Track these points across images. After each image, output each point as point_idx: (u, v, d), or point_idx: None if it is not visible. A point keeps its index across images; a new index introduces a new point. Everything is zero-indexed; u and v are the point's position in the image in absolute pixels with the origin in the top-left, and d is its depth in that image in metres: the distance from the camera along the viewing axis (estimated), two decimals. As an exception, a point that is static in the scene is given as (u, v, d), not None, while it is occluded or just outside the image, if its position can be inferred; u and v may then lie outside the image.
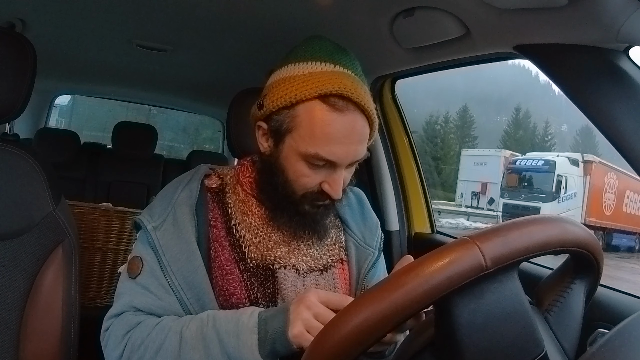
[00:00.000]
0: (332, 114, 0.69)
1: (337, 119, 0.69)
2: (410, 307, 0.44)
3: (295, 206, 0.76)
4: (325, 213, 0.80)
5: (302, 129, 0.70)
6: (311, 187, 0.74)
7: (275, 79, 0.75)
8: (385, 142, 1.53)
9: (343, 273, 0.84)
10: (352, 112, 0.70)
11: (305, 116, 0.70)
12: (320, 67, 0.72)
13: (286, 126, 0.72)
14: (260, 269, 0.77)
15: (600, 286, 0.68)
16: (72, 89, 3.10)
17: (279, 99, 0.72)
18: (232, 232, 0.78)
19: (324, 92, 0.69)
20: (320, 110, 0.69)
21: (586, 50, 0.76)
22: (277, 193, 0.76)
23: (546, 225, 0.50)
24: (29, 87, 0.91)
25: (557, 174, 12.51)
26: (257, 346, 0.65)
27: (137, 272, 0.74)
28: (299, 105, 0.70)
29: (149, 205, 0.81)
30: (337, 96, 0.69)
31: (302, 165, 0.72)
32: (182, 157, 3.00)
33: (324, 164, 0.72)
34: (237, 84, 1.20)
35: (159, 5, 1.24)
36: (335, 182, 0.73)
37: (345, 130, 0.70)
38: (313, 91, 0.69)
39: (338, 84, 0.69)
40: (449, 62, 1.15)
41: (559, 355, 0.53)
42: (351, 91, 0.69)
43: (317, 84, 0.70)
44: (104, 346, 0.74)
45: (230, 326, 0.67)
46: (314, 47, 0.75)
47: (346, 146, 0.70)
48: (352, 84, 0.71)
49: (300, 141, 0.71)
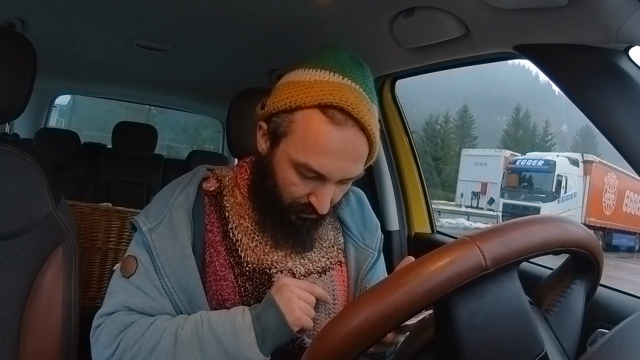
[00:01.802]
0: (329, 126, 0.67)
1: (332, 132, 0.67)
2: (410, 307, 0.44)
3: (281, 214, 0.75)
4: (312, 227, 0.78)
5: (297, 136, 0.69)
6: (298, 197, 0.72)
7: (282, 82, 0.74)
8: (385, 142, 1.53)
9: (341, 275, 0.84)
10: (350, 128, 0.67)
11: (301, 123, 0.69)
12: (327, 76, 0.69)
13: (282, 130, 0.71)
14: (256, 273, 0.77)
15: (600, 286, 0.68)
16: (72, 89, 3.10)
17: (280, 101, 0.71)
18: (229, 236, 0.78)
19: (324, 102, 0.67)
20: (318, 120, 0.67)
21: (586, 50, 0.76)
22: (266, 197, 0.75)
23: (546, 225, 0.50)
24: (29, 87, 0.91)
25: (557, 174, 12.50)
26: (256, 343, 0.68)
27: (132, 272, 0.74)
28: (297, 111, 0.69)
29: (146, 206, 0.81)
30: (337, 108, 0.67)
31: (292, 173, 0.71)
32: (182, 157, 3.00)
33: (314, 176, 0.70)
34: (237, 84, 1.20)
35: (159, 5, 1.24)
36: (322, 196, 0.70)
37: (339, 145, 0.67)
38: (313, 99, 0.67)
39: (340, 97, 0.67)
40: (449, 62, 1.15)
41: (559, 355, 0.53)
42: (352, 106, 0.67)
43: (319, 92, 0.68)
44: (93, 343, 0.74)
45: (227, 327, 0.69)
46: (327, 55, 0.73)
47: (338, 161, 0.68)
48: (356, 99, 0.68)
49: (293, 147, 0.69)
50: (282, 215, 0.75)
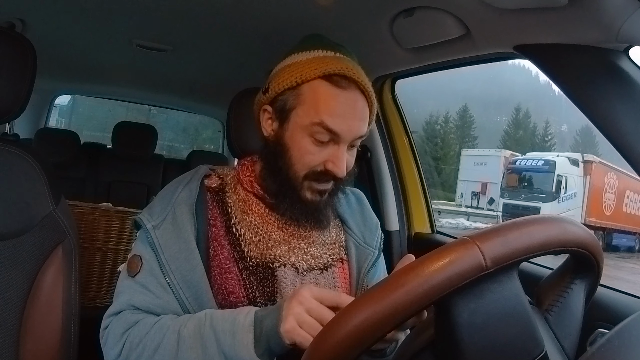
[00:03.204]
0: (336, 90, 0.73)
1: (340, 94, 0.73)
2: (410, 307, 0.44)
3: (297, 192, 0.76)
4: (328, 202, 0.80)
5: (307, 105, 0.74)
6: (315, 165, 0.75)
7: (279, 67, 0.79)
8: (385, 142, 1.53)
9: (343, 272, 0.85)
10: (353, 90, 0.74)
11: (309, 93, 0.74)
12: (322, 53, 0.77)
13: (291, 104, 0.75)
14: (259, 268, 0.77)
15: (600, 286, 0.68)
16: (72, 89, 3.10)
17: (284, 81, 0.76)
18: (232, 231, 0.79)
19: (328, 72, 0.73)
20: (325, 87, 0.74)
21: (586, 50, 0.76)
22: (281, 177, 0.77)
23: (546, 225, 0.50)
24: (29, 87, 0.91)
25: (557, 174, 12.50)
26: (253, 345, 0.65)
27: (137, 270, 0.75)
28: (303, 85, 0.74)
29: (149, 204, 0.82)
30: (339, 75, 0.73)
31: (307, 142, 0.74)
32: (182, 157, 3.00)
33: (328, 140, 0.74)
34: (237, 84, 1.20)
35: (159, 6, 1.24)
36: (338, 159, 0.74)
37: (347, 105, 0.74)
38: (317, 71, 0.74)
39: (340, 66, 0.74)
40: (449, 62, 1.15)
41: (559, 355, 0.53)
42: (352, 72, 0.74)
43: (320, 65, 0.74)
44: (103, 344, 0.74)
45: (227, 325, 0.67)
46: (314, 39, 0.80)
47: (348, 120, 0.74)
48: (354, 67, 0.76)
49: (305, 115, 0.74)
50: (298, 194, 0.77)
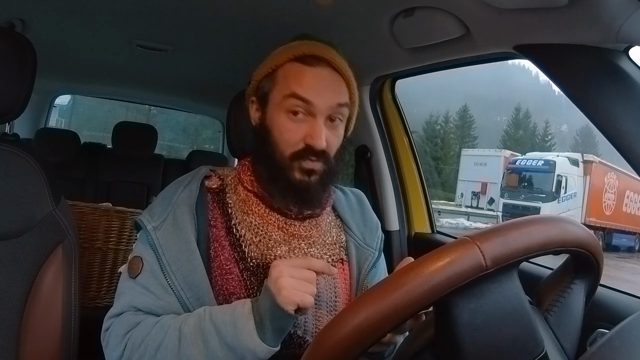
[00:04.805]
0: (305, 67, 0.76)
1: (309, 70, 0.76)
2: (410, 307, 0.44)
3: (286, 175, 0.76)
4: (318, 183, 0.78)
5: (280, 84, 0.78)
6: (295, 142, 0.76)
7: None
8: (385, 142, 1.53)
9: (343, 273, 0.85)
10: (324, 67, 0.77)
11: (282, 75, 0.78)
12: (296, 42, 0.81)
13: (267, 88, 0.79)
14: (260, 268, 0.77)
15: (600, 286, 0.68)
16: (72, 89, 3.10)
17: (262, 70, 0.81)
18: (232, 231, 0.79)
19: (298, 54, 0.77)
20: (295, 66, 0.77)
21: (586, 50, 0.76)
22: (270, 162, 0.77)
23: (546, 225, 0.50)
24: (29, 87, 0.91)
25: (557, 174, 12.50)
26: (256, 331, 0.66)
27: (137, 272, 0.75)
28: (277, 70, 0.79)
29: (149, 205, 0.82)
30: (309, 56, 0.77)
31: (284, 119, 0.76)
32: (182, 157, 3.00)
33: (303, 111, 0.75)
34: (237, 84, 1.20)
35: (159, 6, 1.24)
36: (315, 131, 0.75)
37: (317, 79, 0.76)
38: (288, 55, 0.78)
39: (309, 48, 0.77)
40: (449, 62, 1.15)
41: (559, 355, 0.53)
42: (323, 52, 0.77)
43: (292, 50, 0.78)
44: (105, 346, 0.75)
45: (227, 317, 0.68)
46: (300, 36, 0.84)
47: (320, 90, 0.75)
48: (324, 48, 0.78)
49: (279, 93, 0.77)
50: (287, 176, 0.77)
